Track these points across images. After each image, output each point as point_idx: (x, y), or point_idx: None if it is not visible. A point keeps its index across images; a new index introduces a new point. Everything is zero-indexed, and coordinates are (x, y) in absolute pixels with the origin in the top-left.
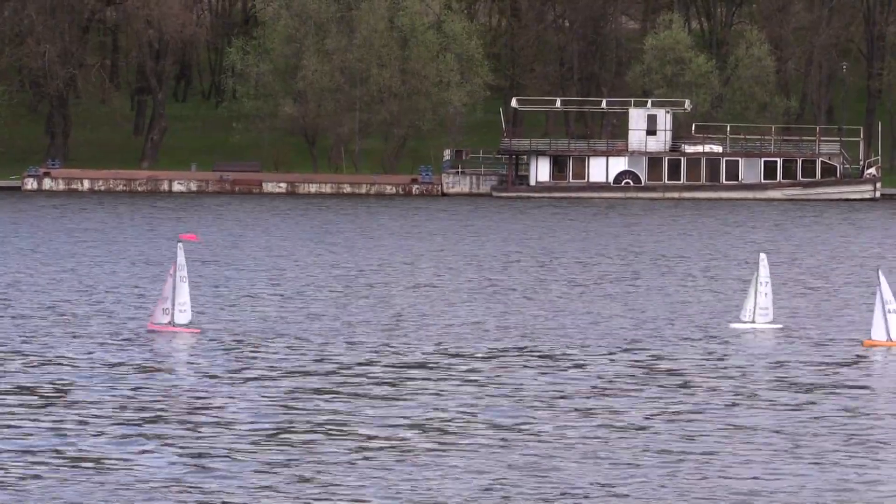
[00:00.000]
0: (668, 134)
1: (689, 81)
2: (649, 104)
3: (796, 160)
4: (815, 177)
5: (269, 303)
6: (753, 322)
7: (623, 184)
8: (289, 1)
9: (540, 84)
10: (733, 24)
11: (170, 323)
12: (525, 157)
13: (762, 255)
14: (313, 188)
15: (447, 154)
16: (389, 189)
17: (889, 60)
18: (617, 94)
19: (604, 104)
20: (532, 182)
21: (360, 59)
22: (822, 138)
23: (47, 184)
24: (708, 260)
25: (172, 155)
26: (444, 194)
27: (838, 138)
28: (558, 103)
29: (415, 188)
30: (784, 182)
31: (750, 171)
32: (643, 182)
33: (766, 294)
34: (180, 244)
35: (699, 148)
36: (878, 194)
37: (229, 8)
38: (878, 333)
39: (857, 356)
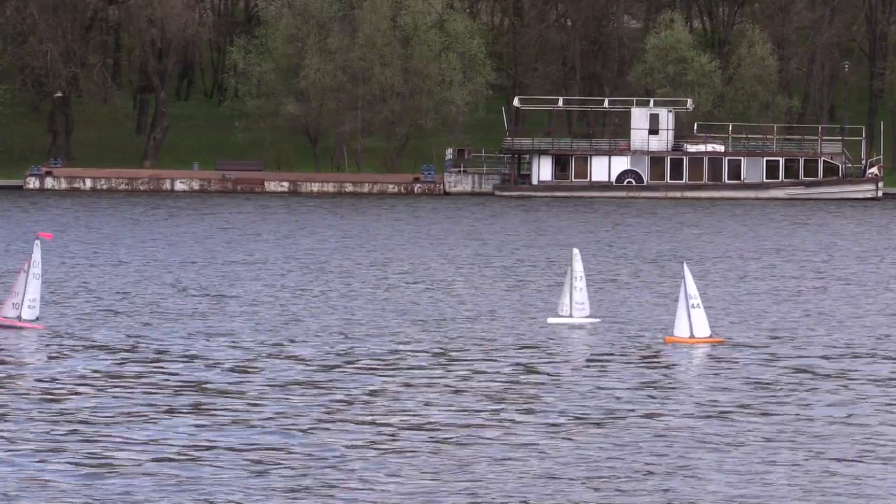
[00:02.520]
0: (671, 133)
1: (692, 81)
2: (651, 103)
3: (798, 159)
4: (817, 176)
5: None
6: (570, 316)
7: (625, 183)
8: (291, 0)
9: (542, 83)
10: (735, 23)
11: (17, 318)
12: (527, 156)
13: (575, 251)
14: (315, 187)
15: (449, 153)
16: (392, 188)
17: (891, 60)
18: (619, 94)
19: (606, 103)
20: (534, 181)
21: (363, 58)
22: (825, 138)
23: (49, 183)
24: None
25: (174, 154)
26: (446, 193)
27: (840, 138)
28: (560, 102)
29: (417, 187)
30: (786, 181)
31: (752, 170)
32: (645, 181)
33: (580, 289)
34: (37, 241)
35: (701, 147)
36: (880, 193)
37: (232, 7)
38: (680, 330)
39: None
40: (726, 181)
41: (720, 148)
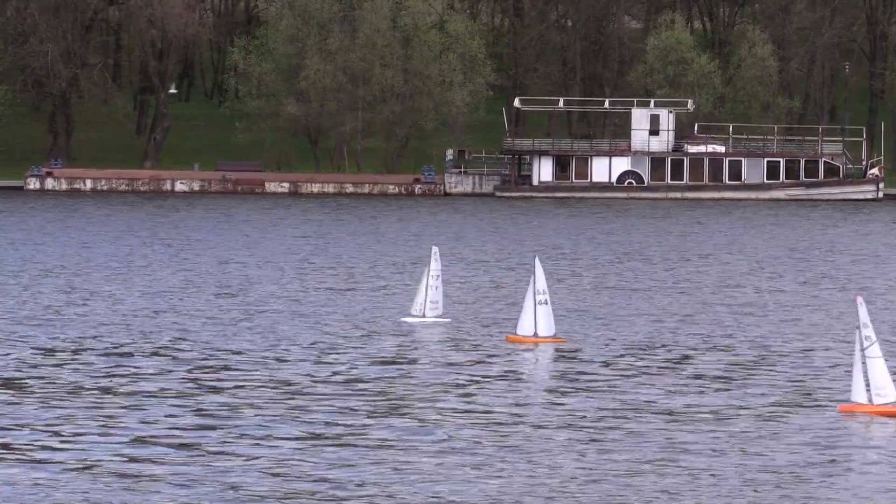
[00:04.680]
0: (671, 134)
1: (692, 81)
2: (652, 104)
3: (799, 160)
4: (817, 177)
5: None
6: (423, 316)
7: (626, 184)
8: (291, 0)
9: (542, 84)
10: (736, 23)
11: None
12: (528, 157)
13: (434, 249)
14: (316, 188)
15: (450, 154)
16: (392, 189)
17: (892, 60)
18: (619, 94)
19: (606, 104)
20: (535, 182)
21: (363, 58)
22: (825, 138)
23: (50, 184)
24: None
25: (175, 154)
26: (446, 194)
27: (841, 138)
28: (561, 103)
29: (417, 188)
30: (787, 182)
31: (753, 171)
32: (646, 182)
33: (436, 288)
34: None
35: (702, 148)
36: (880, 194)
37: (232, 7)
38: (524, 329)
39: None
40: (727, 182)
41: (721, 149)
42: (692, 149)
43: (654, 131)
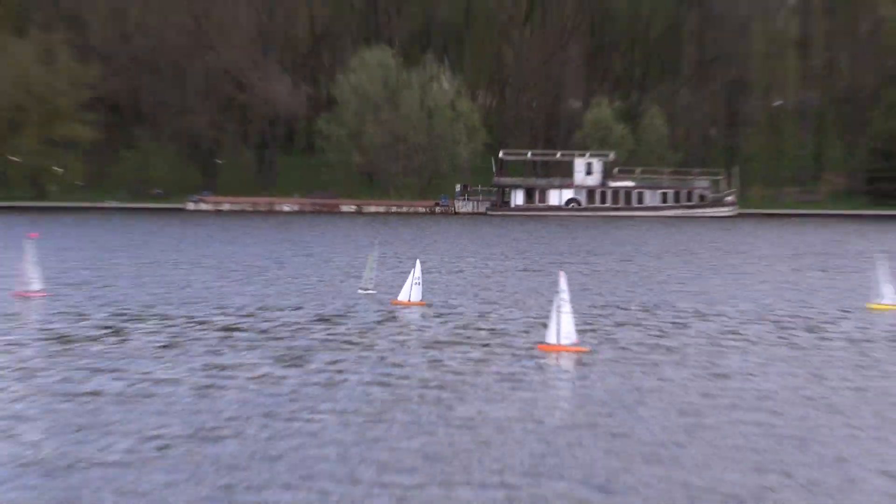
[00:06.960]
0: (600, 174)
1: (614, 142)
2: (588, 155)
3: (681, 191)
4: (694, 202)
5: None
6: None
7: (570, 206)
8: (355, 88)
9: (518, 142)
10: (642, 104)
11: None
12: (508, 189)
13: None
14: (373, 209)
15: (458, 187)
16: (421, 210)
17: (741, 130)
18: (567, 149)
19: (558, 155)
20: (512, 206)
21: (402, 125)
22: (698, 178)
23: (202, 206)
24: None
25: (283, 188)
26: (456, 213)
27: (708, 178)
28: (529, 155)
29: (437, 209)
30: (674, 205)
31: (652, 197)
32: (584, 205)
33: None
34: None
35: (620, 183)
36: (735, 212)
37: (318, 92)
38: (402, 295)
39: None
40: (635, 205)
41: (631, 183)
42: (613, 184)
43: (589, 173)
